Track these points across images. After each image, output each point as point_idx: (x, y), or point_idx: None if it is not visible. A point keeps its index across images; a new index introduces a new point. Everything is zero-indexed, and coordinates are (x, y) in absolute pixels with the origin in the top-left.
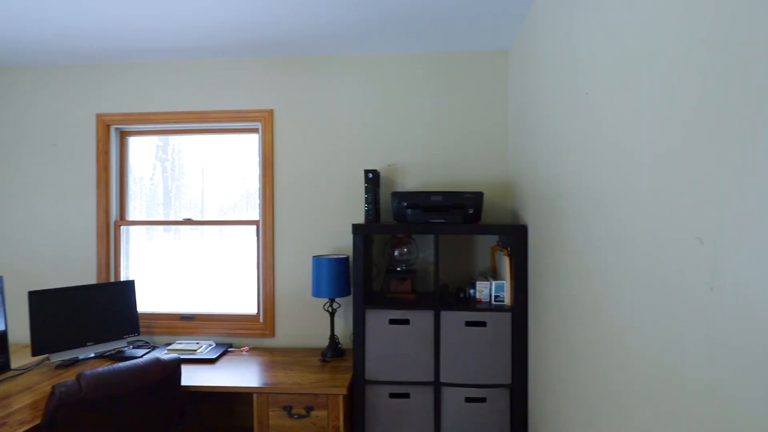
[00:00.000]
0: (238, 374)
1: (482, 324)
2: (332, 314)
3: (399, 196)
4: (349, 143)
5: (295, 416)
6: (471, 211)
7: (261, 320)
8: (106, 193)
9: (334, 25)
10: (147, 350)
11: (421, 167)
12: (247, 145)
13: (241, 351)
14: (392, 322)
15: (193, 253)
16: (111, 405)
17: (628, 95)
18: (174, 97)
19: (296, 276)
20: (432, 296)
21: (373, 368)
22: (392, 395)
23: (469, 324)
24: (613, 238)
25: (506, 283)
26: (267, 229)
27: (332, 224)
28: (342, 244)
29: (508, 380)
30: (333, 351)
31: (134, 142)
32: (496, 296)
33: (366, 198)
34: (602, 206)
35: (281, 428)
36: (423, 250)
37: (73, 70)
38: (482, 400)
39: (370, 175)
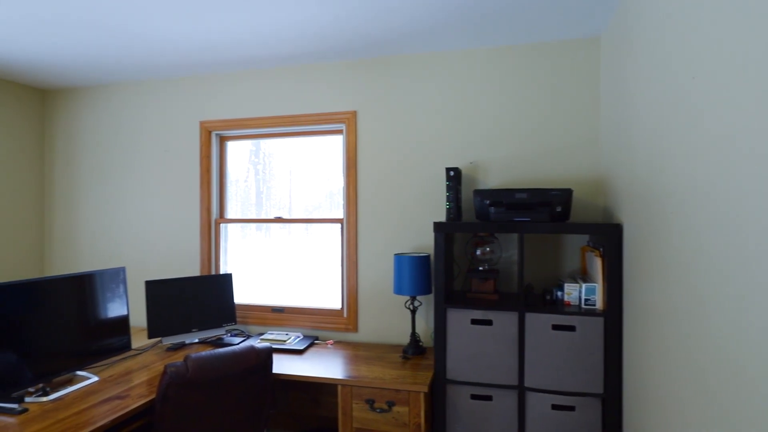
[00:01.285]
0: (324, 366)
1: (571, 328)
2: (413, 312)
3: (481, 193)
4: (430, 141)
5: (378, 410)
6: (559, 209)
7: (345, 315)
8: (208, 194)
9: (415, 24)
10: (242, 338)
11: (504, 164)
12: (331, 147)
13: (326, 344)
14: (474, 322)
15: (282, 250)
16: (212, 386)
17: (744, 79)
18: (265, 103)
19: (378, 273)
20: (516, 297)
21: (455, 368)
22: (474, 396)
23: (556, 328)
24: (723, 238)
25: (598, 286)
26: (350, 226)
27: (413, 222)
28: (423, 242)
29: (599, 389)
30: (414, 348)
31: (231, 147)
32: (586, 299)
33: (447, 196)
34: (711, 203)
35: (364, 421)
36: (506, 250)
37: (179, 83)
38: (570, 408)
39: (452, 173)
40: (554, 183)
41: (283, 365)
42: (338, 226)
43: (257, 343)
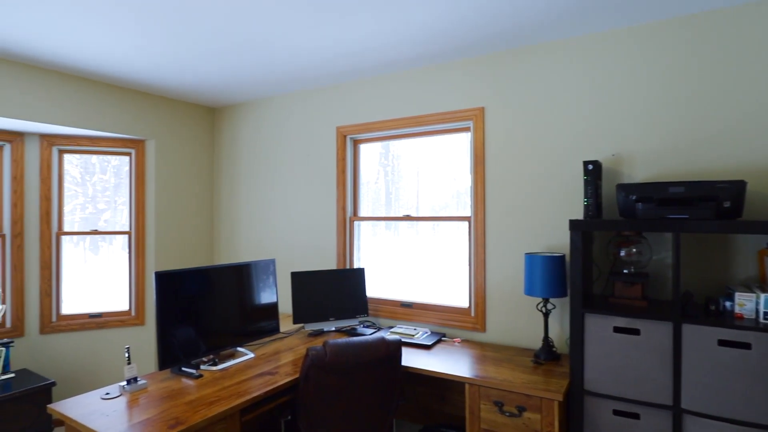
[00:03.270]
0: (451, 363)
1: (745, 346)
2: (546, 315)
3: (626, 188)
4: (564, 134)
5: (507, 413)
6: (727, 204)
7: (472, 314)
8: (343, 193)
9: (548, 10)
10: (374, 330)
11: (654, 156)
12: (458, 146)
13: (454, 342)
14: (617, 330)
15: (410, 248)
16: (346, 371)
17: None
18: (394, 106)
19: (507, 273)
20: (670, 305)
21: (594, 378)
22: (617, 412)
23: (723, 344)
24: None
25: None
26: (478, 225)
27: (546, 220)
28: (557, 241)
29: None
30: (546, 354)
31: (363, 149)
32: (765, 313)
33: (585, 192)
34: None
35: (492, 423)
36: (656, 251)
37: (318, 92)
38: None
39: (590, 167)
40: (717, 175)
41: (411, 359)
42: (465, 224)
43: (387, 335)
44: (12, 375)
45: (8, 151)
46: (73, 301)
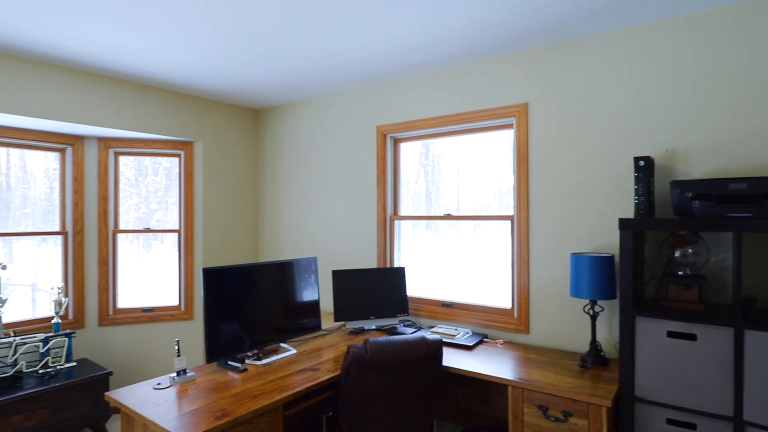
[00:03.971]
0: (493, 364)
1: None
2: (593, 318)
3: (681, 185)
4: (612, 129)
5: (552, 418)
6: None
7: (515, 315)
8: (383, 192)
9: (591, 0)
10: (414, 329)
11: (711, 150)
12: (499, 145)
13: (496, 343)
14: (671, 335)
15: (450, 248)
16: (386, 369)
17: None
18: (434, 104)
19: (552, 273)
20: (730, 310)
21: (645, 385)
22: (671, 422)
23: None
24: None
25: None
26: (521, 224)
27: (593, 220)
28: (605, 241)
29: None
30: (594, 358)
31: (403, 148)
32: None
33: (636, 189)
34: None
35: (536, 427)
36: (715, 252)
37: (358, 92)
38: None
39: (642, 163)
40: None
41: (452, 359)
42: (508, 223)
43: (428, 334)
44: (74, 364)
45: (70, 153)
46: (128, 295)
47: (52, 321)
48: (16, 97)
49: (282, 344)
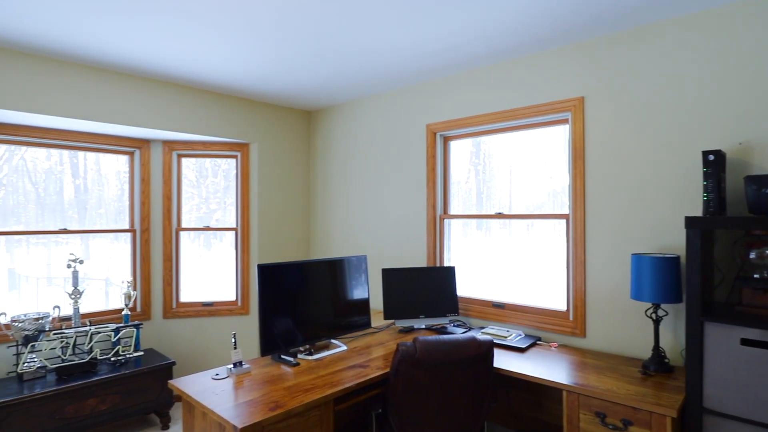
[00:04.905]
0: (547, 368)
1: None
2: (656, 322)
3: (758, 180)
4: (678, 122)
5: (610, 426)
6: None
7: (570, 318)
8: (433, 191)
9: None
10: (465, 330)
11: None
12: (553, 141)
13: (550, 346)
14: (746, 342)
15: (502, 248)
16: (436, 369)
17: None
18: (484, 100)
19: (611, 275)
20: None
21: (715, 396)
22: None
23: None
24: None
25: None
26: (577, 223)
27: (656, 218)
28: (669, 241)
29: None
30: (657, 365)
31: (453, 146)
32: None
33: (705, 185)
34: None
35: None
36: None
37: (406, 91)
38: None
39: (712, 157)
40: None
41: (503, 361)
42: (563, 222)
43: (479, 335)
44: (141, 353)
45: (138, 156)
46: (189, 290)
47: (123, 312)
48: (96, 104)
49: (333, 340)
